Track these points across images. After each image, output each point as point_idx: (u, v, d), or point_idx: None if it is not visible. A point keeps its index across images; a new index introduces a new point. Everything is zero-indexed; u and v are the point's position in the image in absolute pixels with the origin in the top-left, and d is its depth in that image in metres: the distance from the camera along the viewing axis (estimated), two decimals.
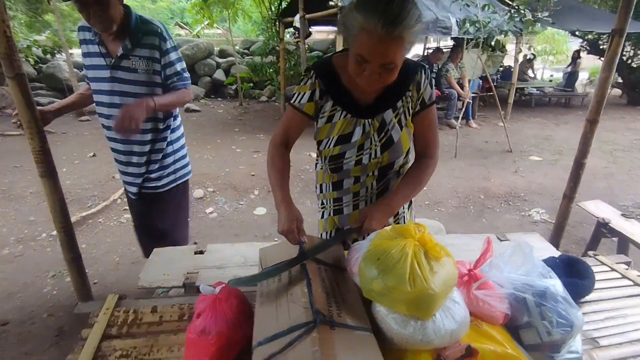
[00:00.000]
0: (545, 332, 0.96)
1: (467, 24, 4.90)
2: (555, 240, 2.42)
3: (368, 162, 1.24)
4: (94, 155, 4.82)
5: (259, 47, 9.81)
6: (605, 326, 1.18)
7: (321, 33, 11.88)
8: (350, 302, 0.92)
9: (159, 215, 1.96)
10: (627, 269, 1.46)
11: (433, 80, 1.23)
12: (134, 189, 1.89)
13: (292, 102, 1.22)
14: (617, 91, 10.57)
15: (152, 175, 1.85)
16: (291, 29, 9.00)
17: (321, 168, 1.37)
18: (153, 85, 1.67)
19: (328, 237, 1.41)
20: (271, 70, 9.39)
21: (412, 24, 0.92)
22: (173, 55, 1.67)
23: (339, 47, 5.67)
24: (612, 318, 1.21)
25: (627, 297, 1.31)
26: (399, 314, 0.86)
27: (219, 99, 9.54)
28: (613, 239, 2.29)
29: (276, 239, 3.03)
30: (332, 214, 1.40)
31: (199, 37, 12.83)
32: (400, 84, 1.14)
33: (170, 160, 1.88)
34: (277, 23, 8.55)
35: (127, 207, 3.54)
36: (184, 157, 1.97)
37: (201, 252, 1.83)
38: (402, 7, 0.90)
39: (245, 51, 11.08)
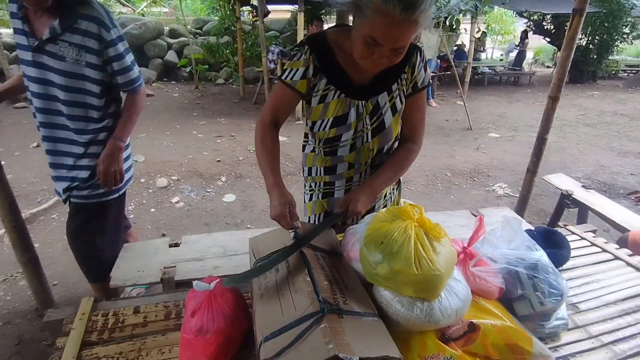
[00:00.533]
0: (538, 302, 1.00)
1: None
2: (519, 213, 2.55)
3: (360, 146, 1.20)
4: (37, 146, 4.41)
5: (214, 27, 9.33)
6: (583, 292, 1.25)
7: (277, 12, 11.52)
8: (353, 288, 0.90)
9: (89, 230, 1.68)
10: (594, 237, 1.56)
11: (427, 64, 1.20)
12: (61, 192, 1.63)
13: (283, 78, 1.13)
14: None
15: (81, 184, 1.57)
16: (247, 7, 8.63)
17: (312, 150, 1.31)
18: (83, 78, 1.41)
19: (317, 221, 1.37)
20: (227, 51, 9.00)
21: (428, 7, 0.88)
22: (120, 47, 1.42)
23: (300, 26, 5.52)
24: (587, 284, 1.29)
25: (598, 263, 1.40)
26: (404, 296, 0.85)
27: (173, 82, 9.06)
28: (572, 209, 2.45)
29: (249, 226, 2.96)
30: (320, 197, 1.35)
31: (143, 15, 11.98)
32: (397, 66, 1.08)
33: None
34: (232, 1, 8.16)
35: None
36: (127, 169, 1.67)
37: (176, 245, 1.74)
38: None
39: (198, 31, 10.51)
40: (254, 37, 8.71)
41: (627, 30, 10.54)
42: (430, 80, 6.37)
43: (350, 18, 1.12)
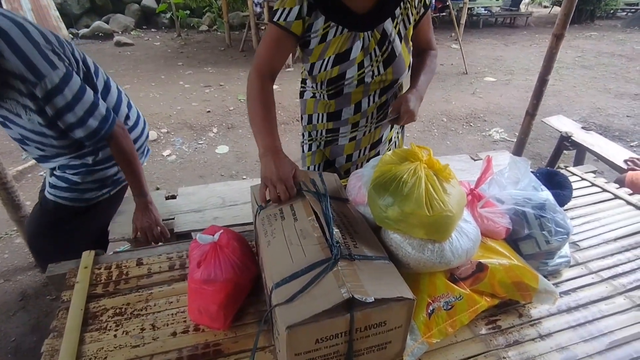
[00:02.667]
0: (544, 241, 1.00)
1: None
2: (517, 156, 2.54)
3: (371, 80, 1.12)
4: None
5: None
6: (584, 230, 1.27)
7: None
8: (362, 232, 0.88)
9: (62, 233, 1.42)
10: (595, 177, 1.56)
11: None
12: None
13: (275, 20, 1.02)
14: (557, 9, 10.82)
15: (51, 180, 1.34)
16: None
17: (312, 96, 1.23)
18: (47, 136, 1.16)
19: (317, 171, 1.33)
20: None
21: None
22: (58, 101, 1.06)
23: None
24: (588, 222, 1.31)
25: (598, 203, 1.41)
26: (415, 239, 0.83)
27: (153, 29, 8.53)
28: (568, 151, 2.44)
29: (244, 177, 2.93)
30: (322, 146, 1.29)
31: None
32: None
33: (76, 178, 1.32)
34: None
35: None
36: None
37: (173, 197, 1.71)
38: None
39: None
40: None
41: None
42: None
43: None
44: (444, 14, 7.84)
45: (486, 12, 9.77)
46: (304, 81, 1.25)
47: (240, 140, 3.51)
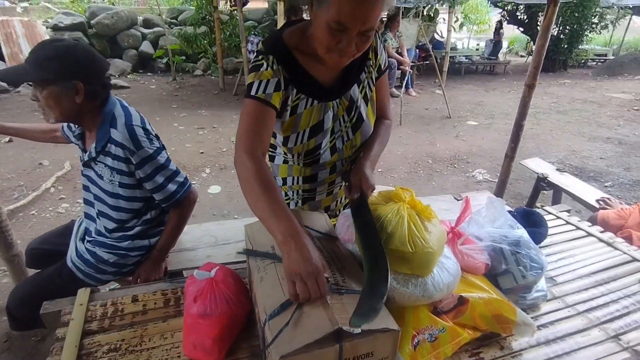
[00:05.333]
0: (521, 275, 1.07)
1: None
2: (499, 196, 2.66)
3: (342, 146, 1.15)
4: (9, 141, 4.23)
5: (191, 17, 9.09)
6: (559, 266, 1.34)
7: (254, 1, 11.32)
8: (349, 268, 0.94)
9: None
10: (569, 216, 1.66)
11: (389, 65, 1.21)
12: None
13: (253, 94, 0.96)
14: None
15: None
16: None
17: (284, 161, 1.21)
18: (118, 197, 1.36)
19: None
20: (205, 41, 8.81)
21: None
22: (147, 169, 1.32)
23: (280, 16, 5.46)
24: (564, 258, 1.38)
25: (573, 240, 1.50)
26: (399, 273, 0.89)
27: (149, 73, 8.81)
28: (546, 192, 2.57)
29: (236, 216, 2.97)
30: (300, 203, 1.28)
31: (113, 4, 11.56)
32: (361, 54, 1.01)
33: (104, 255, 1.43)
34: None
35: (64, 196, 3.22)
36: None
37: None
38: None
39: (174, 21, 10.23)
40: (232, 27, 8.55)
41: (595, 20, 10.90)
42: (410, 70, 6.46)
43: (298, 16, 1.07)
44: (427, 62, 8.32)
45: (467, 60, 10.40)
46: (272, 146, 1.20)
47: (232, 181, 3.58)
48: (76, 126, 1.41)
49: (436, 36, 9.26)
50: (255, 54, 1.02)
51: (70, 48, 1.21)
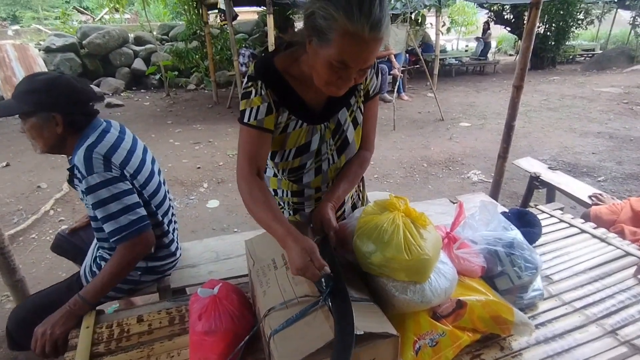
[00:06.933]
0: (516, 276, 1.10)
1: (393, 0, 5.06)
2: (494, 197, 2.69)
3: (327, 169, 1.17)
4: (7, 165, 4.25)
5: (182, 32, 9.17)
6: (555, 264, 1.37)
7: (244, 13, 11.44)
8: (349, 277, 0.96)
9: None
10: (562, 214, 1.69)
11: (380, 71, 1.18)
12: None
13: (246, 121, 1.02)
14: None
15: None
16: (215, 11, 8.54)
17: (274, 174, 1.25)
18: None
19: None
20: (197, 56, 8.89)
21: (389, 22, 0.86)
22: (96, 196, 1.21)
23: (270, 28, 5.54)
24: (559, 256, 1.41)
25: (567, 237, 1.53)
26: (398, 281, 0.92)
27: (142, 90, 8.86)
28: (540, 190, 2.60)
29: (236, 230, 2.98)
30: (291, 213, 1.31)
31: (104, 23, 11.64)
32: None
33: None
34: (197, 5, 8.06)
35: (63, 218, 3.23)
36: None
37: None
38: (382, 6, 0.83)
39: (165, 37, 10.30)
40: (222, 41, 8.63)
41: (581, 16, 11.08)
42: (401, 75, 6.53)
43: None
44: (417, 66, 8.42)
45: (457, 62, 10.52)
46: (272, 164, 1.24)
47: (231, 194, 3.60)
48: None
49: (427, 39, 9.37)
50: (246, 78, 1.04)
51: (50, 81, 1.24)
